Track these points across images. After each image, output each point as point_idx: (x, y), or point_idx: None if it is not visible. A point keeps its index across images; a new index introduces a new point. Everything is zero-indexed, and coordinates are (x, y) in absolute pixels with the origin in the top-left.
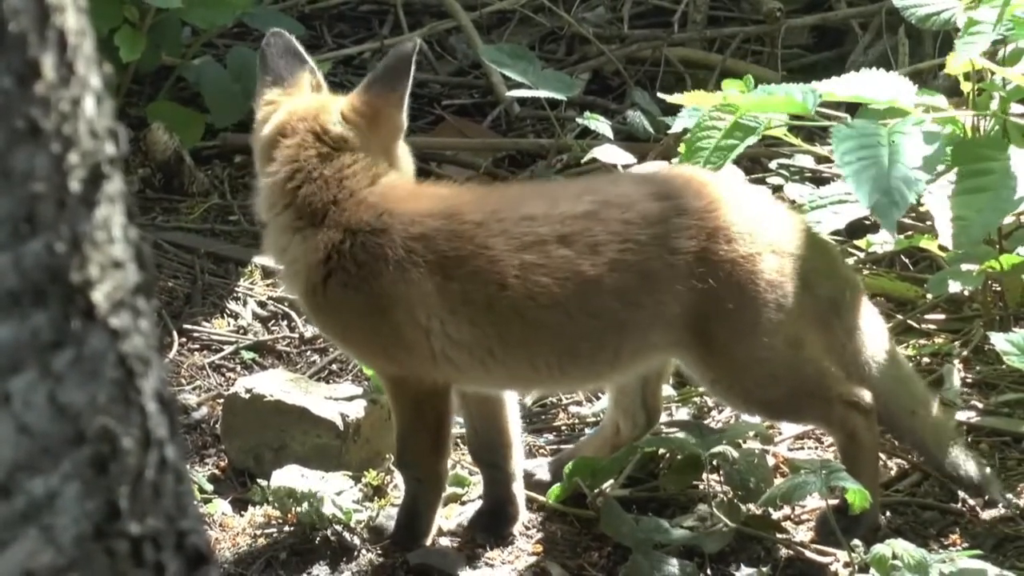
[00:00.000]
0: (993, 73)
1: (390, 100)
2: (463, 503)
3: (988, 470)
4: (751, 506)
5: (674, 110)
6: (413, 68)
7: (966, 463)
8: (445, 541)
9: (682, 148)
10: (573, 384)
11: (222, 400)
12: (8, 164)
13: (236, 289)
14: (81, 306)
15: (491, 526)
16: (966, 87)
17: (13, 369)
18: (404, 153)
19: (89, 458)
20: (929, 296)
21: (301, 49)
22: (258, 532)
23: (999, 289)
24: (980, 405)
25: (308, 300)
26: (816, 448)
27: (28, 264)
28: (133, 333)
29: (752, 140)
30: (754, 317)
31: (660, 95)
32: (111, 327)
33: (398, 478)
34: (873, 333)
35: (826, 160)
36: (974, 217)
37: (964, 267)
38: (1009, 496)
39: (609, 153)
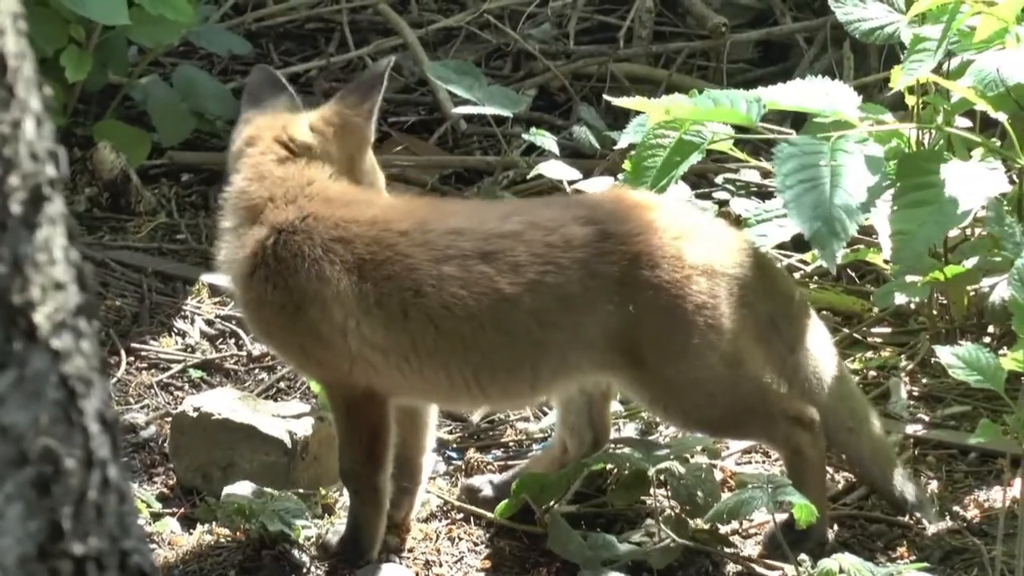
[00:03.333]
0: (937, 86)
1: (359, 112)
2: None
3: (924, 493)
4: (699, 521)
5: (620, 125)
6: (385, 84)
7: (903, 485)
8: (395, 558)
9: (627, 166)
10: (496, 402)
11: (170, 419)
12: None
13: (184, 308)
14: (23, 327)
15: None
16: (911, 101)
17: None
18: (372, 165)
19: (32, 479)
20: (875, 309)
21: (283, 80)
22: (207, 550)
23: (945, 302)
24: (926, 418)
25: (238, 296)
26: (764, 462)
27: None
28: (75, 354)
29: (696, 158)
30: (683, 340)
31: (607, 98)
32: (53, 348)
33: (347, 497)
34: (817, 348)
35: (772, 174)
36: (916, 231)
37: (909, 279)
38: (947, 514)
39: (555, 169)
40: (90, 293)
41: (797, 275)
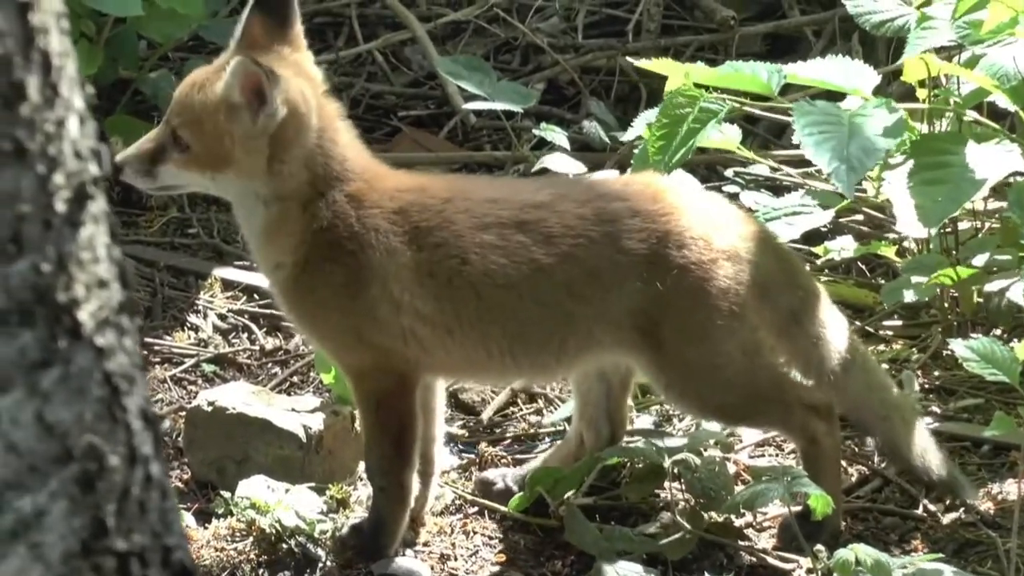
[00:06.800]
0: (949, 78)
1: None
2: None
3: (961, 473)
4: (713, 513)
5: (629, 119)
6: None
7: (940, 468)
8: (410, 552)
9: (647, 135)
10: (522, 374)
11: (184, 413)
12: None
13: (196, 302)
14: (67, 325)
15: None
16: (922, 94)
17: (0, 388)
18: None
19: (76, 476)
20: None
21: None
22: (222, 544)
23: (956, 295)
24: (939, 411)
25: (288, 281)
26: (777, 455)
27: (15, 284)
28: (118, 351)
29: (712, 128)
30: (705, 323)
31: (629, 59)
32: (97, 345)
33: (361, 491)
34: (840, 340)
35: (786, 162)
36: (931, 206)
37: (916, 279)
38: (971, 501)
39: (560, 162)
40: (131, 290)
41: (808, 268)
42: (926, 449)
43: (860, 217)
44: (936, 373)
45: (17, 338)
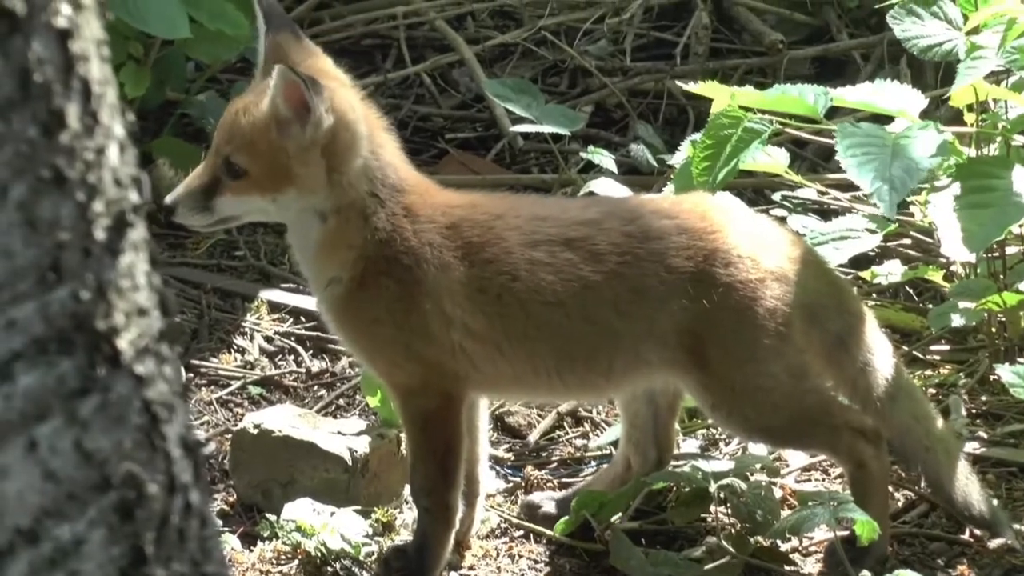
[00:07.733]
0: (997, 102)
1: None
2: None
3: (1000, 511)
4: (759, 538)
5: (676, 142)
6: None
7: (980, 503)
8: (455, 575)
9: (690, 152)
10: (571, 393)
11: (230, 435)
12: (34, 213)
13: (243, 324)
14: (106, 353)
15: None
16: (970, 119)
17: (39, 416)
18: None
19: (115, 504)
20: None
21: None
22: (268, 567)
23: (1004, 320)
24: (986, 436)
25: (342, 298)
26: (823, 480)
27: (54, 312)
28: (158, 379)
29: (758, 150)
30: (752, 343)
31: (678, 83)
32: (136, 374)
33: (407, 514)
34: (887, 368)
35: (834, 186)
36: (977, 230)
37: (964, 304)
38: (1018, 527)
39: (607, 186)
40: (171, 318)
41: (855, 292)
42: (967, 483)
43: (908, 241)
44: (983, 398)
45: (56, 366)
